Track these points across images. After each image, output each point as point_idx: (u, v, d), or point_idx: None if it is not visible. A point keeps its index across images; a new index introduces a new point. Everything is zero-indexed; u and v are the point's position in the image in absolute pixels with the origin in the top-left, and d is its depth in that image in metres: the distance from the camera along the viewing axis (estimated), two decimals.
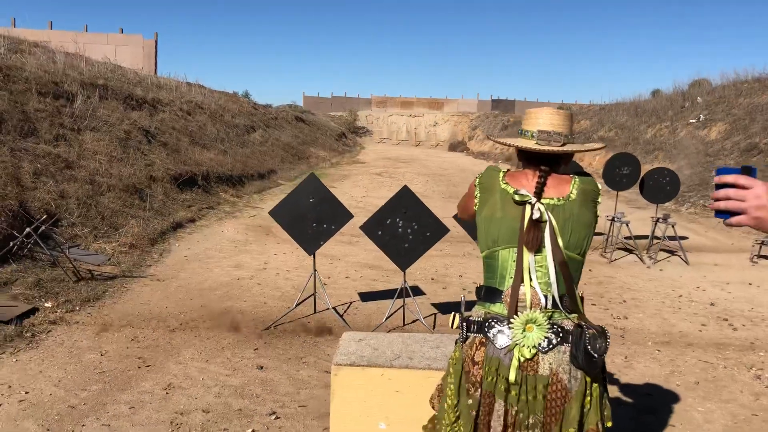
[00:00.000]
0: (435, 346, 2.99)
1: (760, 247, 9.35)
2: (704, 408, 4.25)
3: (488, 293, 2.20)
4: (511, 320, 2.09)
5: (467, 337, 2.18)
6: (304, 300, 6.17)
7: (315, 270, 6.07)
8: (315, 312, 6.17)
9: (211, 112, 20.87)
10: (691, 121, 19.02)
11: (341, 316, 6.04)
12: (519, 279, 2.12)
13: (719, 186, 1.47)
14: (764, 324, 6.10)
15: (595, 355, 2.00)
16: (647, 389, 4.59)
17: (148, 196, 10.46)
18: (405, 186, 5.65)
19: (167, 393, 4.29)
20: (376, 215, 5.58)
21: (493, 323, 2.13)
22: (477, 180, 2.34)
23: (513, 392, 2.05)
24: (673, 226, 9.35)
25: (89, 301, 6.15)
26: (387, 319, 5.77)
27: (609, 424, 2.10)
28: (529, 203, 2.15)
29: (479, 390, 2.11)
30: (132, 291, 6.67)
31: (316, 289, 6.19)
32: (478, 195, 2.30)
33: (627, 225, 9.30)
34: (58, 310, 5.76)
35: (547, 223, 2.13)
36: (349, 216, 5.85)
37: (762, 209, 1.42)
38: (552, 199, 2.17)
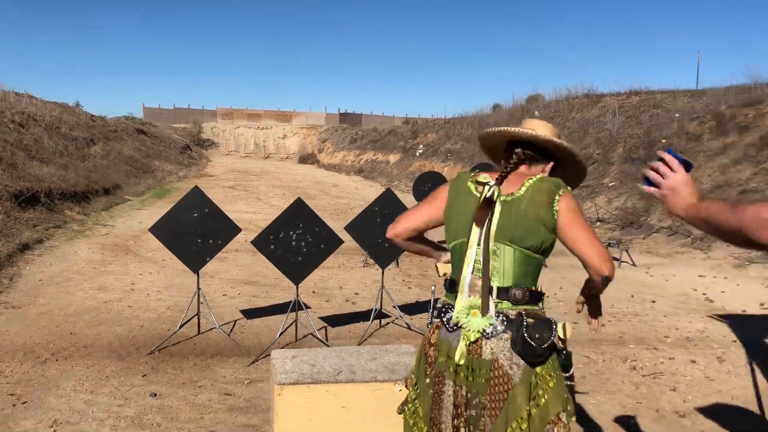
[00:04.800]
0: (371, 358, 2.96)
1: (606, 248, 10.23)
2: (595, 400, 4.58)
3: (450, 284, 2.33)
4: (457, 306, 2.22)
5: (433, 323, 2.33)
6: (188, 321, 5.86)
7: (199, 288, 5.78)
8: (199, 332, 5.88)
9: (46, 125, 19.27)
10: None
11: (229, 335, 5.80)
12: (466, 268, 2.24)
13: (660, 160, 1.76)
14: (626, 319, 6.69)
15: (533, 343, 2.10)
16: None
17: None
18: (299, 198, 5.56)
19: (54, 430, 3.88)
20: (268, 229, 5.44)
21: (447, 309, 2.27)
22: (450, 185, 2.41)
23: (461, 374, 2.16)
24: None
25: None
26: (281, 334, 5.62)
27: (573, 418, 2.18)
28: (488, 185, 2.23)
29: (434, 369, 2.24)
30: None
31: (200, 309, 5.90)
32: (449, 198, 2.36)
33: None
34: None
35: (496, 214, 2.20)
36: (237, 230, 5.65)
37: (672, 191, 1.73)
38: (505, 196, 2.24)
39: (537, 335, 2.12)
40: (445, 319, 2.25)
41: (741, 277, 9.12)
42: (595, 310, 2.43)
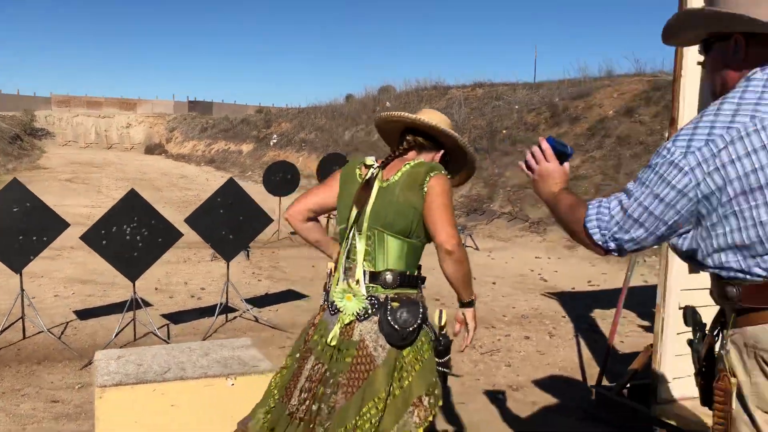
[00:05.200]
0: (204, 354, 2.86)
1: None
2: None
3: (338, 268, 2.38)
4: (334, 290, 2.32)
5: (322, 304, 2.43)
6: (11, 325, 5.37)
7: (23, 289, 5.32)
8: (25, 337, 5.41)
9: None
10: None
11: (59, 338, 5.38)
12: (343, 252, 2.33)
13: (540, 148, 1.91)
14: None
15: (396, 326, 2.16)
16: None
17: None
18: (132, 189, 5.26)
19: None
20: (99, 223, 5.09)
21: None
22: (341, 171, 2.48)
23: (328, 353, 2.25)
24: None
25: None
26: (117, 335, 5.30)
27: (439, 403, 2.24)
28: (373, 168, 2.32)
29: (306, 346, 2.34)
30: None
31: (25, 311, 5.42)
32: (340, 184, 2.42)
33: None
34: None
35: (372, 198, 2.27)
36: (65, 225, 5.24)
37: (541, 177, 1.88)
38: (384, 181, 2.30)
39: (401, 318, 2.18)
40: (328, 302, 2.34)
41: (572, 257, 9.85)
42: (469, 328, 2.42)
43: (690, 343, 1.89)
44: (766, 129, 1.53)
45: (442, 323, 2.34)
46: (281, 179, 10.38)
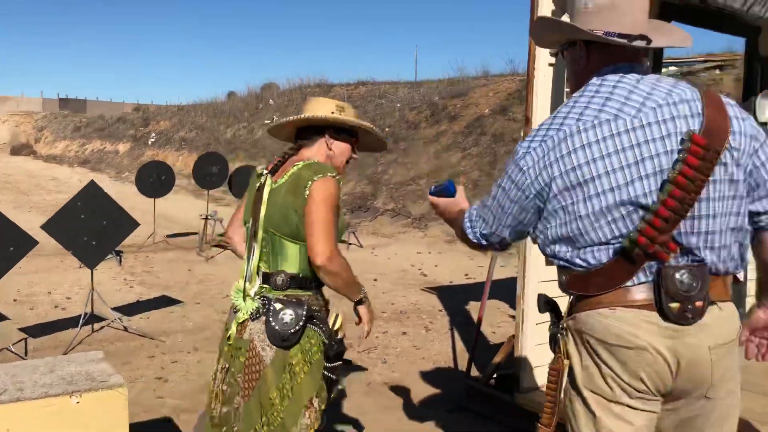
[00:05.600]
0: (49, 370, 2.66)
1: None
2: None
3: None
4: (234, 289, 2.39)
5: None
6: None
7: None
8: None
9: None
10: (266, 121, 20.48)
11: None
12: (247, 255, 2.39)
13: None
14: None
15: (276, 327, 2.20)
16: None
17: None
18: None
19: None
20: None
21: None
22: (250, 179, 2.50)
23: (229, 352, 2.32)
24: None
25: None
26: None
27: (322, 407, 2.29)
28: (262, 175, 2.38)
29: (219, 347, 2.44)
30: None
31: None
32: (248, 191, 2.45)
33: (221, 222, 9.57)
34: None
35: (264, 203, 2.30)
36: None
37: (442, 216, 2.13)
38: (274, 184, 2.31)
39: (282, 320, 2.20)
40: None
41: (452, 251, 10.11)
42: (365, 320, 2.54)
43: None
44: (587, 131, 1.62)
45: (336, 327, 2.35)
46: (155, 180, 9.95)
